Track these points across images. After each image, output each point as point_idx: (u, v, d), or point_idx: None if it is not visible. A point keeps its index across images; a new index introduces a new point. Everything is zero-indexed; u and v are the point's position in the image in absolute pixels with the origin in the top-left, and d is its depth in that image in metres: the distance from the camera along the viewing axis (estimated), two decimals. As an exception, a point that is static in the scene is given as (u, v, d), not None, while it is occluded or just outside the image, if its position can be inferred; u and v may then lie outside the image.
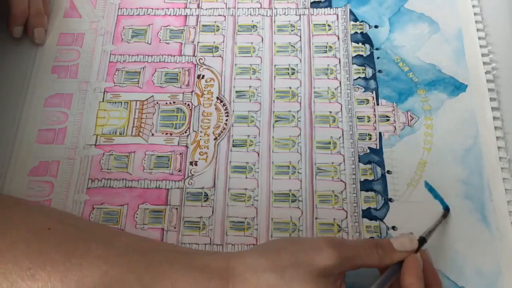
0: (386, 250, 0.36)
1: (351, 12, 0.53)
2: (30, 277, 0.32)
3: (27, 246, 0.33)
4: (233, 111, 0.48)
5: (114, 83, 0.50)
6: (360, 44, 0.51)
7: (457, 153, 0.45)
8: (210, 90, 0.49)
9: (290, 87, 0.49)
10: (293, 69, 0.50)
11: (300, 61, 0.50)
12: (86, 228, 0.37)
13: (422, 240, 0.38)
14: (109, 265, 0.33)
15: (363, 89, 0.49)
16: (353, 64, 0.50)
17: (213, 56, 0.51)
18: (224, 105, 0.48)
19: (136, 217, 0.44)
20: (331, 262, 0.33)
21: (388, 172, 0.45)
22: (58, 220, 0.36)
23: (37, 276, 0.32)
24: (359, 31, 0.52)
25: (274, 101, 0.48)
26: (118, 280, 0.33)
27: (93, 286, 0.33)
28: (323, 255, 0.34)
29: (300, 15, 0.53)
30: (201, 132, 0.47)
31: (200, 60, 0.51)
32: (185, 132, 0.47)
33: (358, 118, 0.47)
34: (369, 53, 0.50)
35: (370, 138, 0.46)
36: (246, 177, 0.45)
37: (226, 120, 0.48)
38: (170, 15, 0.53)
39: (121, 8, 0.53)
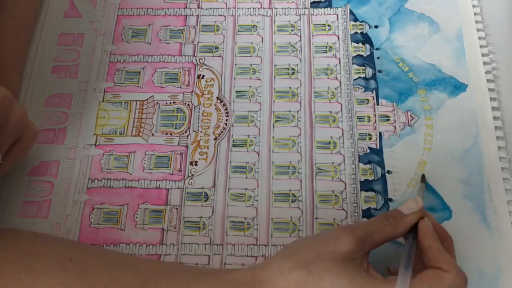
0: (397, 218, 0.36)
1: (351, 12, 0.53)
2: None
3: (52, 279, 0.33)
4: (233, 111, 0.48)
5: (114, 83, 0.50)
6: (360, 44, 0.51)
7: (457, 153, 0.45)
8: (210, 90, 0.49)
9: (290, 87, 0.49)
10: (293, 69, 0.50)
11: (300, 61, 0.50)
12: (107, 257, 0.37)
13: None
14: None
15: (363, 89, 0.49)
16: (353, 64, 0.50)
17: (213, 56, 0.51)
18: (224, 105, 0.48)
19: (136, 217, 0.44)
20: (351, 246, 0.34)
21: (388, 172, 0.45)
22: (79, 250, 0.37)
23: None
24: (359, 31, 0.52)
25: (274, 101, 0.48)
26: None
27: None
28: (342, 241, 0.34)
29: (300, 15, 0.53)
30: (201, 132, 0.47)
31: (200, 60, 0.51)
32: (185, 132, 0.47)
33: (358, 118, 0.47)
34: (369, 53, 0.50)
35: (370, 138, 0.46)
36: (246, 177, 0.45)
37: (226, 120, 0.48)
38: (170, 15, 0.53)
39: (121, 8, 0.53)
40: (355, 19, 0.52)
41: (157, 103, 0.49)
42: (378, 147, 0.46)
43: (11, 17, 0.47)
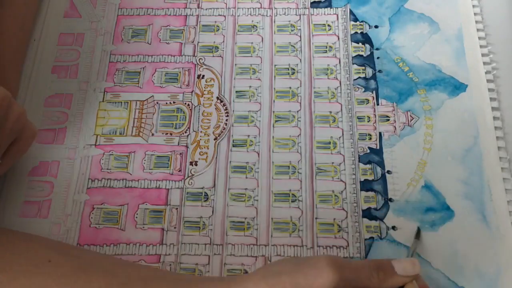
0: (387, 274, 0.35)
1: (351, 12, 0.53)
2: None
3: (28, 280, 0.33)
4: (233, 111, 0.48)
5: (114, 83, 0.50)
6: (360, 44, 0.51)
7: (457, 153, 0.45)
8: (210, 90, 0.49)
9: (290, 87, 0.49)
10: (293, 69, 0.50)
11: (300, 61, 0.50)
12: (87, 259, 0.37)
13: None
14: None
15: (363, 89, 0.49)
16: (353, 64, 0.50)
17: (213, 56, 0.51)
18: (224, 105, 0.48)
19: (136, 217, 0.44)
20: (330, 284, 0.33)
21: (388, 172, 0.45)
22: (59, 252, 0.36)
23: None
24: (359, 31, 0.52)
25: (274, 101, 0.48)
26: None
27: None
28: (323, 276, 0.33)
29: (300, 15, 0.53)
30: (201, 132, 0.47)
31: (200, 60, 0.51)
32: (185, 132, 0.47)
33: (358, 118, 0.47)
34: (369, 53, 0.50)
35: (370, 138, 0.46)
36: (246, 177, 0.45)
37: (226, 120, 0.48)
38: (170, 15, 0.53)
39: (121, 8, 0.53)
40: (355, 19, 0.52)
41: (157, 103, 0.49)
42: (378, 147, 0.46)
43: (9, 17, 0.47)
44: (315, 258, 0.35)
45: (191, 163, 0.46)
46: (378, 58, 0.50)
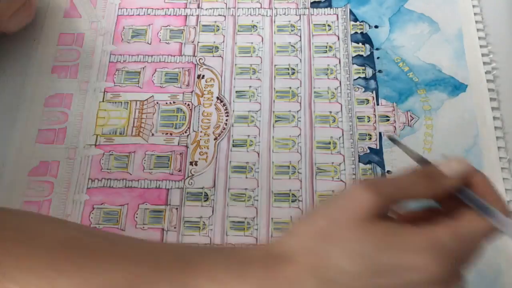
0: (435, 177, 0.29)
1: (351, 12, 0.53)
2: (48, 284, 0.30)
3: (51, 256, 0.31)
4: (233, 111, 0.48)
5: (114, 83, 0.50)
6: (360, 44, 0.51)
7: (457, 153, 0.45)
8: (210, 90, 0.49)
9: (290, 87, 0.49)
10: (293, 69, 0.50)
11: (300, 61, 0.50)
12: (110, 237, 0.35)
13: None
14: (134, 265, 0.31)
15: (363, 89, 0.49)
16: (353, 64, 0.50)
17: (213, 56, 0.51)
18: (224, 105, 0.48)
19: (136, 217, 0.44)
20: (368, 204, 0.27)
21: (388, 172, 0.45)
22: (79, 231, 0.34)
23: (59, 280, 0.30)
24: (359, 31, 0.52)
25: (274, 101, 0.48)
26: (143, 276, 0.30)
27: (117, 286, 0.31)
28: (356, 200, 0.28)
29: (300, 15, 0.53)
30: (201, 132, 0.47)
31: (200, 60, 0.51)
32: (185, 132, 0.47)
33: (358, 118, 0.47)
34: (369, 53, 0.50)
35: (370, 138, 0.46)
36: (246, 177, 0.45)
37: (226, 120, 0.48)
38: (170, 15, 0.53)
39: (121, 8, 0.53)
40: (355, 19, 0.52)
41: (157, 103, 0.49)
42: (378, 147, 0.46)
43: None
44: (351, 187, 0.29)
45: (191, 163, 0.46)
46: (378, 58, 0.50)
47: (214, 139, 0.47)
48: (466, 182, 0.30)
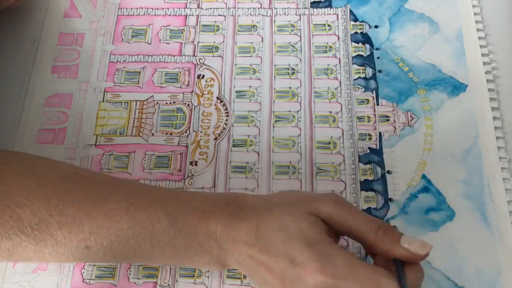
0: (388, 236, 0.33)
1: (351, 12, 0.53)
2: (58, 212, 0.34)
3: (55, 186, 0.35)
4: (233, 111, 0.48)
5: (114, 83, 0.50)
6: (360, 44, 0.51)
7: (457, 153, 0.45)
8: (210, 90, 0.49)
9: (290, 87, 0.49)
10: (293, 69, 0.50)
11: (300, 61, 0.50)
12: (108, 175, 0.41)
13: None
14: (135, 199, 0.35)
15: (363, 89, 0.49)
16: (353, 64, 0.50)
17: (213, 56, 0.51)
18: (224, 105, 0.48)
19: (136, 217, 0.44)
20: (326, 208, 0.34)
21: (388, 172, 0.45)
22: (82, 169, 0.40)
23: (65, 211, 0.34)
24: (359, 31, 0.52)
25: (274, 101, 0.49)
26: (144, 209, 0.35)
27: (119, 216, 0.34)
28: (320, 200, 0.34)
29: (300, 15, 0.53)
30: (201, 132, 0.47)
31: (200, 60, 0.51)
32: (185, 132, 0.47)
33: (358, 118, 0.47)
34: (369, 53, 0.50)
35: (370, 138, 0.46)
36: (246, 177, 0.45)
37: (226, 120, 0.48)
38: (170, 15, 0.53)
39: (121, 8, 0.53)
40: (355, 19, 0.52)
41: (157, 103, 0.49)
42: (378, 147, 0.46)
43: None
44: (319, 193, 0.37)
45: (191, 163, 0.46)
46: (378, 58, 0.50)
47: (214, 139, 0.47)
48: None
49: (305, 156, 0.46)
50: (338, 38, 0.51)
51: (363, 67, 0.50)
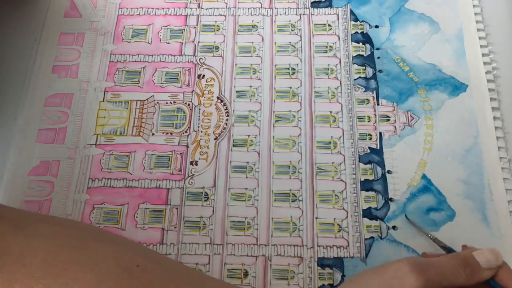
0: (474, 269, 0.34)
1: (351, 12, 0.53)
2: None
3: (116, 283, 0.31)
4: (234, 110, 0.48)
5: (115, 82, 0.50)
6: (361, 44, 0.51)
7: (457, 153, 0.45)
8: (210, 89, 0.49)
9: (290, 87, 0.49)
10: (294, 69, 0.50)
11: (301, 60, 0.50)
12: (173, 268, 0.35)
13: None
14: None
15: (364, 89, 0.49)
16: (353, 64, 0.50)
17: (214, 56, 0.51)
18: (224, 104, 0.48)
19: (137, 217, 0.44)
20: (413, 286, 0.31)
21: (388, 172, 0.45)
22: (146, 258, 0.34)
23: None
24: (359, 31, 0.52)
25: (274, 101, 0.49)
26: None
27: None
28: (403, 280, 0.32)
29: (300, 15, 0.53)
30: (201, 131, 0.47)
31: (201, 59, 0.51)
32: (186, 132, 0.47)
33: (358, 118, 0.47)
34: (369, 53, 0.50)
35: (371, 138, 0.46)
36: (247, 177, 0.45)
37: (227, 119, 0.48)
38: (170, 14, 0.53)
39: (122, 8, 0.54)
40: (356, 19, 0.52)
41: (158, 102, 0.49)
42: (378, 147, 0.46)
43: None
44: (396, 264, 0.33)
45: (191, 163, 0.46)
46: (378, 58, 0.50)
47: (215, 139, 0.47)
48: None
49: (306, 156, 0.46)
50: (339, 38, 0.51)
51: (364, 67, 0.50)
